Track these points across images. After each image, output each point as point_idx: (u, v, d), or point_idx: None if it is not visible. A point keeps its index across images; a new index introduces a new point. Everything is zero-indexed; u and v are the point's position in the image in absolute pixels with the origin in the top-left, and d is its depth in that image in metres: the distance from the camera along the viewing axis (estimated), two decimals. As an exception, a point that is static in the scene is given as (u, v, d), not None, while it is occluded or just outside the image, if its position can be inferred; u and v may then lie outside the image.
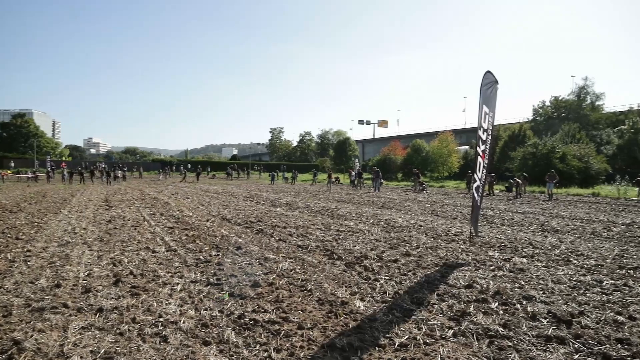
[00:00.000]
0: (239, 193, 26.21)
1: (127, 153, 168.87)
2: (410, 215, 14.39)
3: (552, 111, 58.89)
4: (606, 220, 13.56)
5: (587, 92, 59.01)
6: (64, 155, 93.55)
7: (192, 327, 4.23)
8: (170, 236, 9.68)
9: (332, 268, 6.79)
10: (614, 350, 3.82)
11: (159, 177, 51.19)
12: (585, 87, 59.10)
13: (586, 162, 35.70)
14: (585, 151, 37.04)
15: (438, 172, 55.74)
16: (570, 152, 36.09)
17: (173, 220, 12.58)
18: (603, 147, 47.22)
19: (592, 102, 58.69)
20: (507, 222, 12.84)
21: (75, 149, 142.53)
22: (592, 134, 50.69)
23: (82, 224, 11.34)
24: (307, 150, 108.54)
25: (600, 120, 56.42)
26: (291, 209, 16.44)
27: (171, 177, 54.08)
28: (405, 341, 4.00)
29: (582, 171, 35.02)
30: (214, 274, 6.33)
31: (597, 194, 26.60)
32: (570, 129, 44.22)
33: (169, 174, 55.29)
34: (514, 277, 6.30)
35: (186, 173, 52.91)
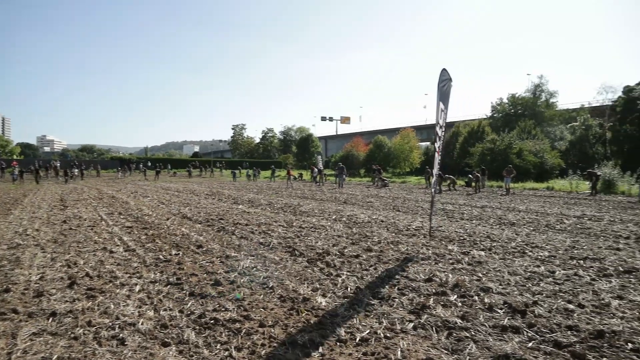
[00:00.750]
0: (201, 191, 25.84)
1: (84, 151, 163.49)
2: (372, 211, 14.53)
3: (509, 108, 60.38)
4: (559, 213, 14.06)
5: (542, 90, 60.84)
6: (14, 153, 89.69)
7: (150, 329, 4.14)
8: (128, 236, 9.45)
9: (294, 265, 6.78)
10: (564, 337, 3.97)
11: (117, 175, 49.83)
12: (540, 85, 60.93)
13: (541, 158, 36.98)
14: (540, 147, 38.35)
15: (400, 167, 56.50)
16: (526, 148, 37.27)
17: (132, 219, 12.29)
18: (557, 142, 48.92)
19: (547, 100, 60.57)
20: (466, 217, 13.14)
21: (27, 147, 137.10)
22: (547, 130, 52.41)
23: (35, 225, 10.93)
24: (269, 147, 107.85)
25: (554, 117, 58.40)
26: (253, 206, 16.32)
27: (130, 175, 52.78)
28: (367, 336, 4.04)
29: (538, 166, 36.27)
30: (174, 273, 6.22)
31: (552, 188, 27.56)
32: (526, 126, 45.64)
33: (128, 172, 53.86)
34: (472, 270, 6.45)
35: (146, 171, 51.72)
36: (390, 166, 56.45)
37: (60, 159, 74.74)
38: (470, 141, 47.61)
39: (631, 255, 7.53)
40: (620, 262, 6.95)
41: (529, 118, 51.95)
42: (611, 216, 13.38)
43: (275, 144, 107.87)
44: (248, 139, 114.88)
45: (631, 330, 4.12)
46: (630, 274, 6.26)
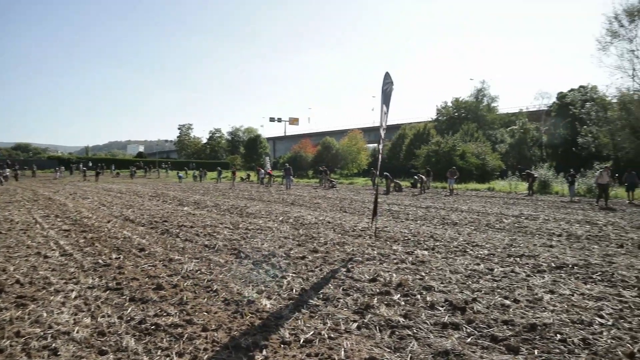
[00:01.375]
0: (145, 192, 25.09)
1: (18, 150, 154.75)
2: (319, 212, 14.60)
3: (453, 111, 62.47)
4: (499, 213, 14.65)
5: (484, 94, 63.41)
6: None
7: (87, 337, 3.97)
8: (65, 239, 9.04)
9: (239, 267, 6.71)
10: (500, 332, 4.14)
11: (55, 176, 47.47)
12: (482, 90, 63.45)
13: (483, 159, 38.46)
14: (482, 149, 39.87)
15: (347, 169, 57.15)
16: (469, 150, 38.64)
17: (70, 222, 11.77)
18: (497, 145, 51.08)
19: (488, 104, 63.17)
20: (412, 217, 13.44)
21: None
22: (488, 133, 54.65)
23: (-39, 229, 10.26)
24: (217, 147, 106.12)
25: (495, 120, 60.99)
26: (199, 208, 16.02)
27: (70, 176, 50.51)
28: (311, 337, 4.05)
29: (480, 167, 37.69)
30: (113, 278, 6.00)
31: (492, 189, 28.69)
32: (469, 129, 47.40)
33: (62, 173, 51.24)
34: (416, 269, 6.60)
35: (85, 171, 49.62)
36: (338, 167, 56.97)
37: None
38: (416, 143, 48.83)
39: (563, 252, 7.95)
40: (552, 259, 7.32)
41: (472, 121, 54.09)
42: (546, 215, 14.08)
43: (223, 144, 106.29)
44: (195, 140, 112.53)
45: (560, 322, 4.35)
46: (562, 270, 6.61)
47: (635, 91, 27.54)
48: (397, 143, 57.94)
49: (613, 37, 26.84)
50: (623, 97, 28.29)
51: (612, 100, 33.22)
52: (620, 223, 12.36)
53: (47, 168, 61.03)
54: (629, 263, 7.13)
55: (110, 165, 65.66)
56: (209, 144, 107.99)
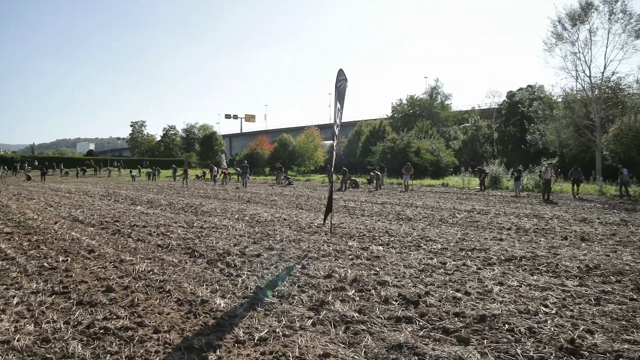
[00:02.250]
0: (95, 192, 24.27)
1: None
2: (276, 209, 14.54)
3: (408, 109, 63.47)
4: (452, 208, 15.03)
5: (438, 92, 64.78)
6: None
7: (29, 345, 3.79)
8: (7, 243, 8.62)
9: (193, 266, 6.59)
10: (451, 324, 4.24)
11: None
12: (436, 88, 64.82)
13: (437, 156, 39.39)
14: (436, 146, 40.83)
15: (304, 166, 57.14)
16: (423, 147, 39.46)
17: (13, 224, 11.23)
18: (451, 142, 52.34)
19: (442, 102, 64.58)
20: (367, 213, 13.59)
21: None
22: (442, 130, 55.91)
23: None
24: (171, 145, 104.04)
25: (448, 118, 62.45)
26: (152, 207, 15.65)
27: (15, 176, 48.21)
28: (265, 335, 4.02)
29: (434, 164, 38.59)
30: (60, 281, 5.76)
31: (446, 185, 29.45)
32: (423, 126, 48.40)
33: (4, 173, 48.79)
34: (371, 265, 6.68)
35: (30, 171, 47.49)
36: (295, 164, 56.91)
37: None
38: (372, 140, 49.34)
39: (512, 245, 8.24)
40: (502, 252, 7.58)
41: (426, 119, 55.18)
42: (497, 210, 14.56)
43: (178, 142, 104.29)
44: (148, 137, 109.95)
45: (508, 313, 4.51)
46: (510, 262, 6.86)
47: (578, 91, 28.82)
48: (353, 140, 58.35)
49: (557, 40, 27.94)
50: (567, 97, 29.56)
51: (557, 99, 34.72)
52: (565, 216, 12.93)
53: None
54: (572, 254, 7.48)
55: (59, 165, 63.04)
56: (163, 142, 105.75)
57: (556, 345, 3.76)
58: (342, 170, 26.68)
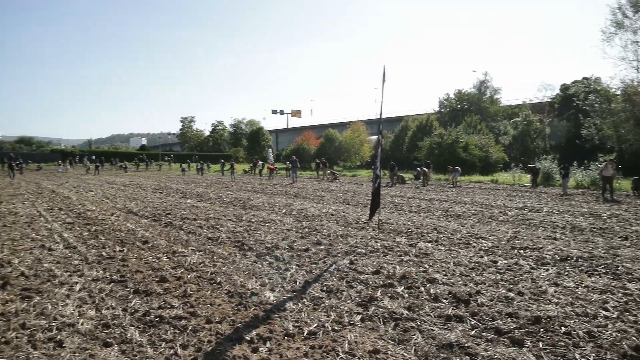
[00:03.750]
0: (148, 185, 25.13)
1: (21, 143, 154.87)
2: (323, 204, 14.59)
3: (456, 103, 62.25)
4: (502, 205, 14.61)
5: (487, 86, 63.08)
6: None
7: (91, 329, 3.99)
8: (69, 232, 9.07)
9: (243, 259, 6.72)
10: (504, 324, 4.14)
11: (58, 169, 47.50)
12: (485, 82, 63.12)
13: (486, 152, 38.34)
14: (485, 141, 39.74)
15: (350, 161, 57.09)
16: (472, 142, 38.50)
17: (74, 215, 11.79)
18: (501, 137, 50.82)
19: (491, 96, 62.87)
20: (415, 209, 13.41)
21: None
22: (491, 125, 54.43)
23: (-35, 223, 10.29)
24: (219, 140, 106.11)
25: (498, 112, 60.71)
26: (202, 200, 16.04)
27: (74, 169, 50.61)
28: (315, 329, 4.05)
29: (483, 160, 37.58)
30: (117, 270, 6.02)
31: (496, 181, 28.59)
32: (472, 121, 47.21)
33: (73, 166, 51.50)
34: (419, 262, 6.60)
35: (90, 164, 49.73)
36: (341, 160, 56.94)
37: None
38: (419, 135, 48.72)
39: (566, 244, 7.93)
40: (556, 251, 7.30)
41: (475, 113, 53.82)
42: (550, 207, 14.03)
43: (226, 137, 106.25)
44: (197, 132, 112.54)
45: (565, 315, 4.35)
46: (566, 262, 6.59)
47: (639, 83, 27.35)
48: (399, 135, 57.80)
49: (617, 28, 26.60)
50: (627, 89, 28.10)
51: (616, 91, 32.99)
52: (625, 215, 12.31)
53: (50, 161, 61.13)
54: (633, 255, 7.10)
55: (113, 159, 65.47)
56: (211, 137, 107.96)
57: (619, 352, 3.59)
58: (390, 165, 26.44)
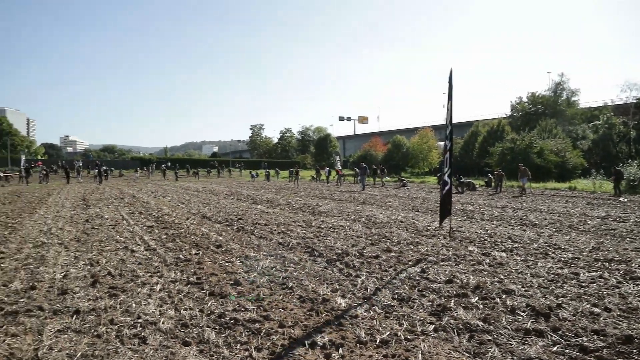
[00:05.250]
0: (220, 191, 26.01)
1: (105, 151, 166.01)
2: (391, 211, 14.45)
3: (529, 107, 59.60)
4: (582, 214, 13.79)
5: (563, 88, 59.79)
6: (38, 153, 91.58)
7: (171, 328, 4.17)
8: (149, 235, 9.55)
9: (314, 265, 6.78)
10: (590, 342, 3.89)
11: (135, 176, 50.18)
12: (561, 84, 59.87)
13: (563, 157, 36.35)
14: (561, 146, 37.70)
15: (418, 167, 56.26)
16: (547, 147, 36.67)
17: (152, 219, 12.42)
18: (579, 142, 47.96)
19: (568, 98, 59.52)
20: (487, 217, 12.97)
21: (51, 147, 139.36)
22: (568, 129, 51.49)
23: (59, 224, 11.12)
24: (287, 147, 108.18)
25: (575, 115, 57.31)
26: (272, 206, 16.37)
27: (152, 175, 53.39)
28: (387, 337, 4.01)
29: (559, 165, 35.66)
30: (194, 273, 6.26)
31: (574, 188, 27.05)
32: (547, 125, 44.92)
33: (150, 172, 54.45)
34: (494, 272, 6.36)
35: (165, 171, 52.31)
36: (409, 166, 56.22)
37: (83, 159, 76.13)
38: (490, 140, 47.14)
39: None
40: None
41: (550, 117, 51.11)
42: (637, 217, 13.07)
43: (294, 144, 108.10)
44: (266, 139, 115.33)
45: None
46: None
47: None
48: (469, 140, 56.20)
49: None
50: None
51: None
52: None
53: (131, 168, 65.06)
54: None
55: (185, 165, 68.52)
56: (280, 144, 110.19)
57: None
58: (457, 177, 25.66)
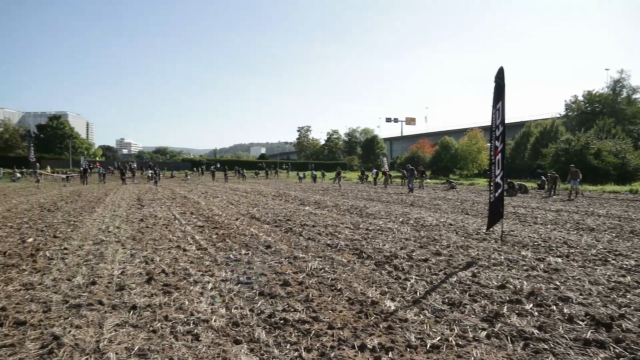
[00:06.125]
0: (268, 192, 26.37)
1: (158, 153, 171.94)
2: (440, 214, 14.21)
3: (585, 106, 57.13)
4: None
5: (623, 85, 56.85)
6: (97, 155, 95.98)
7: (223, 326, 4.26)
8: (200, 235, 9.80)
9: (362, 267, 6.75)
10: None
11: (184, 177, 51.65)
12: (620, 81, 56.99)
13: (623, 158, 34.60)
14: (621, 147, 35.92)
15: (467, 169, 55.05)
16: (605, 148, 35.02)
17: (203, 219, 12.74)
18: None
19: (629, 96, 56.54)
20: (540, 221, 12.53)
21: (108, 149, 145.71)
22: (629, 128, 48.91)
23: (116, 223, 11.60)
24: (334, 148, 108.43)
25: (637, 114, 54.32)
26: (320, 207, 16.44)
27: (202, 176, 54.79)
28: (438, 342, 3.94)
29: (619, 167, 33.96)
30: (244, 272, 6.37)
31: (635, 191, 25.67)
32: (605, 124, 42.87)
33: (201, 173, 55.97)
34: (549, 278, 6.14)
35: (214, 172, 53.59)
36: (458, 168, 55.12)
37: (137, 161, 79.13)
38: (542, 141, 45.60)
39: None
40: None
41: (608, 116, 48.69)
42: None
43: (340, 145, 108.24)
44: (313, 141, 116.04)
45: None
46: None
47: None
48: (520, 142, 54.55)
49: None
50: None
51: None
52: None
53: (181, 169, 67.12)
54: None
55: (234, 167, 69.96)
56: (327, 145, 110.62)
57: None
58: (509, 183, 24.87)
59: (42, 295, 5.18)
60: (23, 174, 49.17)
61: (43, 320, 4.37)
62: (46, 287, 5.54)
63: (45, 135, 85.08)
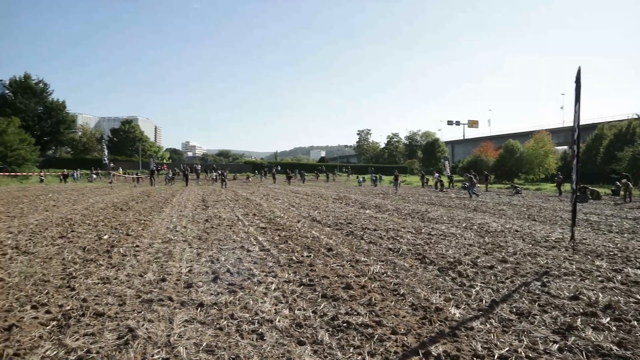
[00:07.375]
0: (328, 195, 26.51)
1: (221, 155, 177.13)
2: (505, 220, 13.72)
3: (667, 107, 53.48)
4: None
5: None
6: (165, 158, 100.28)
7: (286, 327, 4.31)
8: (263, 236, 9.99)
9: (425, 273, 6.63)
10: None
11: (246, 179, 52.85)
12: None
13: None
14: None
15: (534, 174, 52.84)
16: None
17: (265, 220, 12.98)
18: None
19: None
20: (616, 229, 11.82)
21: (174, 152, 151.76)
22: None
23: (182, 223, 12.05)
24: (394, 152, 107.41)
25: None
26: (380, 211, 16.33)
27: (265, 179, 55.91)
28: (506, 353, 3.80)
29: None
30: (306, 274, 6.43)
31: None
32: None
33: (264, 176, 57.11)
34: (628, 290, 5.76)
35: (275, 175, 54.52)
36: (523, 172, 53.03)
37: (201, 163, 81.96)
38: (617, 144, 42.99)
39: None
40: None
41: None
42: None
43: (401, 149, 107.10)
44: (373, 144, 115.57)
45: None
46: None
47: None
48: (592, 145, 51.72)
49: None
50: None
51: None
52: None
53: (244, 172, 68.80)
54: None
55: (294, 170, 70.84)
56: (387, 149, 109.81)
57: None
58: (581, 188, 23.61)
59: (118, 289, 5.47)
60: (98, 174, 52.38)
61: (119, 313, 4.62)
62: (121, 281, 5.85)
63: (118, 139, 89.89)
